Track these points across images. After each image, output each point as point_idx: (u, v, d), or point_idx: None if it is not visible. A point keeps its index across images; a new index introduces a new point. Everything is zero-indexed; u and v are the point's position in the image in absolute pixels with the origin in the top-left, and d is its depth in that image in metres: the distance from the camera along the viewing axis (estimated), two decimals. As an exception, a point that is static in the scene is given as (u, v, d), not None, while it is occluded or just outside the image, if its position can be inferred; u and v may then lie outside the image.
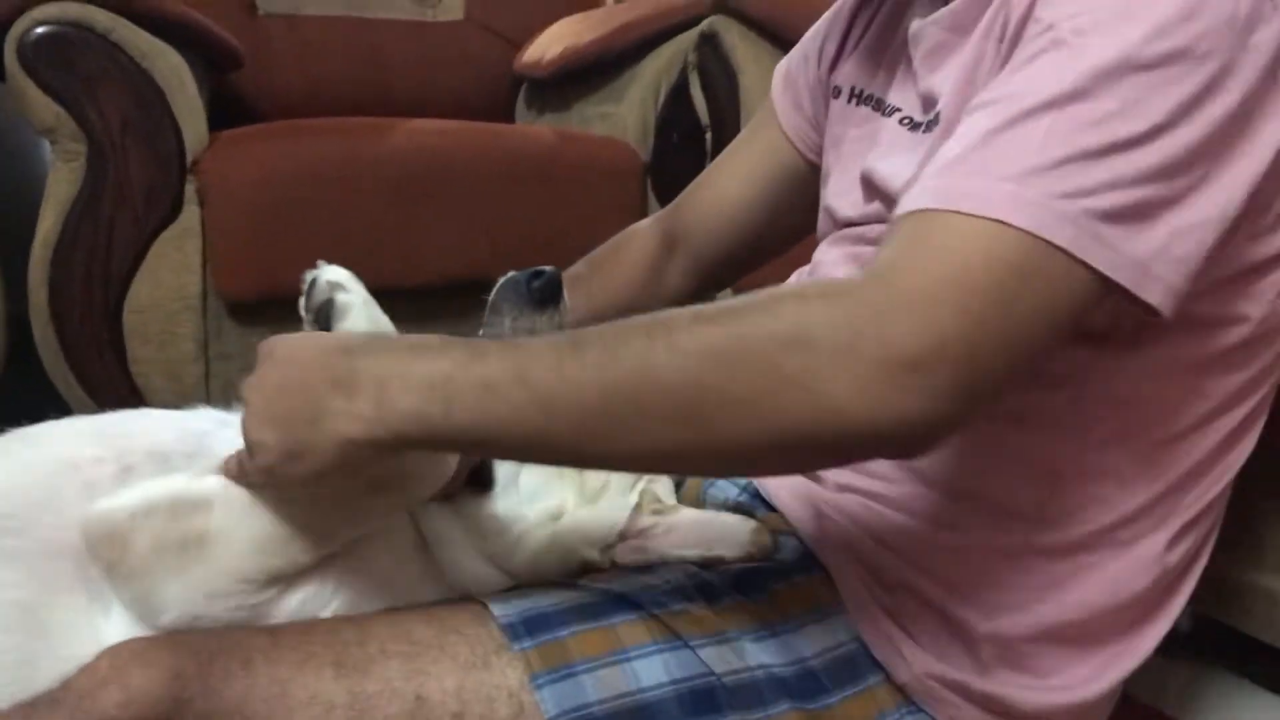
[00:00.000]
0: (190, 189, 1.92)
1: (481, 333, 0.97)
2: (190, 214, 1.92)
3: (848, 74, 1.03)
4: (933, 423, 0.65)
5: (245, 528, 0.78)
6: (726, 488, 0.98)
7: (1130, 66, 0.67)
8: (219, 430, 0.88)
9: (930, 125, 0.87)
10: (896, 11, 0.97)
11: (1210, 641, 1.23)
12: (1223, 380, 0.83)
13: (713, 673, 0.80)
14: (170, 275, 1.92)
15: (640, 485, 0.93)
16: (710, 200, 1.18)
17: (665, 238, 1.20)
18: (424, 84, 2.63)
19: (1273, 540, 1.09)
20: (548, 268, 0.97)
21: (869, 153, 0.95)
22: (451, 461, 0.82)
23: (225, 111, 2.24)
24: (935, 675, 0.83)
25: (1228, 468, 0.87)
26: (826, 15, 1.10)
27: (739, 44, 2.10)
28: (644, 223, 1.25)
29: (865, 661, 0.85)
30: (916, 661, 0.83)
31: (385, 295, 2.06)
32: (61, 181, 1.86)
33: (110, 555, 0.78)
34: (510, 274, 0.97)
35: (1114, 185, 0.66)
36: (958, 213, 0.66)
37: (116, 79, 1.83)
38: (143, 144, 1.86)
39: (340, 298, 0.82)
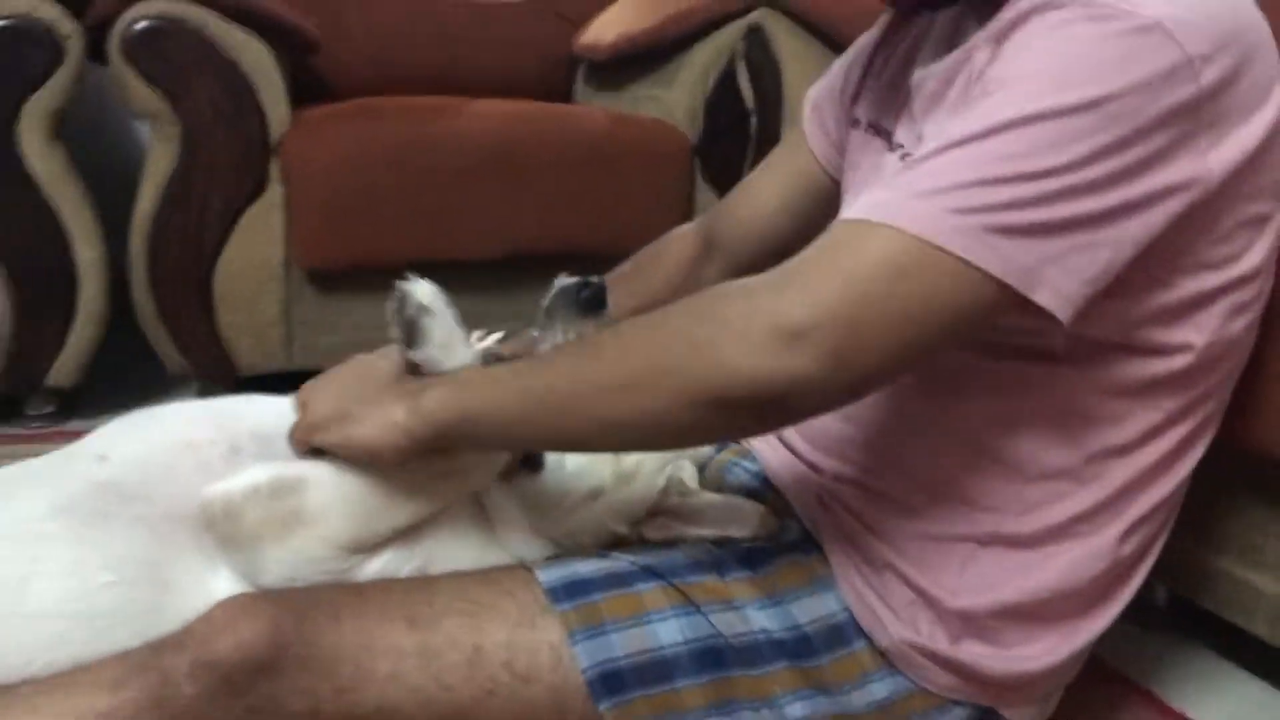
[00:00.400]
0: (274, 168, 2.05)
1: (536, 333, 1.10)
2: (274, 191, 2.06)
3: (866, 107, 1.12)
4: (817, 382, 0.77)
5: (336, 506, 0.92)
6: (741, 474, 1.12)
7: (1043, 116, 0.77)
8: None
9: None
10: (910, 55, 1.07)
11: (1184, 616, 1.35)
12: (1170, 398, 0.93)
13: (721, 635, 0.93)
14: (256, 246, 2.06)
15: (668, 470, 1.07)
16: (746, 210, 1.28)
17: (704, 241, 1.31)
18: (488, 62, 2.73)
19: (1234, 530, 1.20)
20: (595, 278, 1.09)
21: (876, 183, 1.06)
22: (499, 458, 0.97)
23: (302, 86, 2.36)
24: (911, 643, 0.96)
25: (1179, 471, 0.97)
26: (852, 49, 1.19)
27: (784, 37, 2.17)
28: (686, 226, 1.36)
29: (852, 629, 0.98)
30: (895, 631, 0.96)
31: (449, 267, 2.25)
32: (159, 161, 2.00)
33: (224, 530, 0.92)
34: (562, 282, 1.09)
35: (1010, 207, 0.77)
36: (866, 221, 0.79)
37: (208, 69, 1.97)
38: (231, 127, 1.99)
39: (425, 321, 0.93)
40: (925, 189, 0.78)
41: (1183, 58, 0.79)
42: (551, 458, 1.03)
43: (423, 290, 0.94)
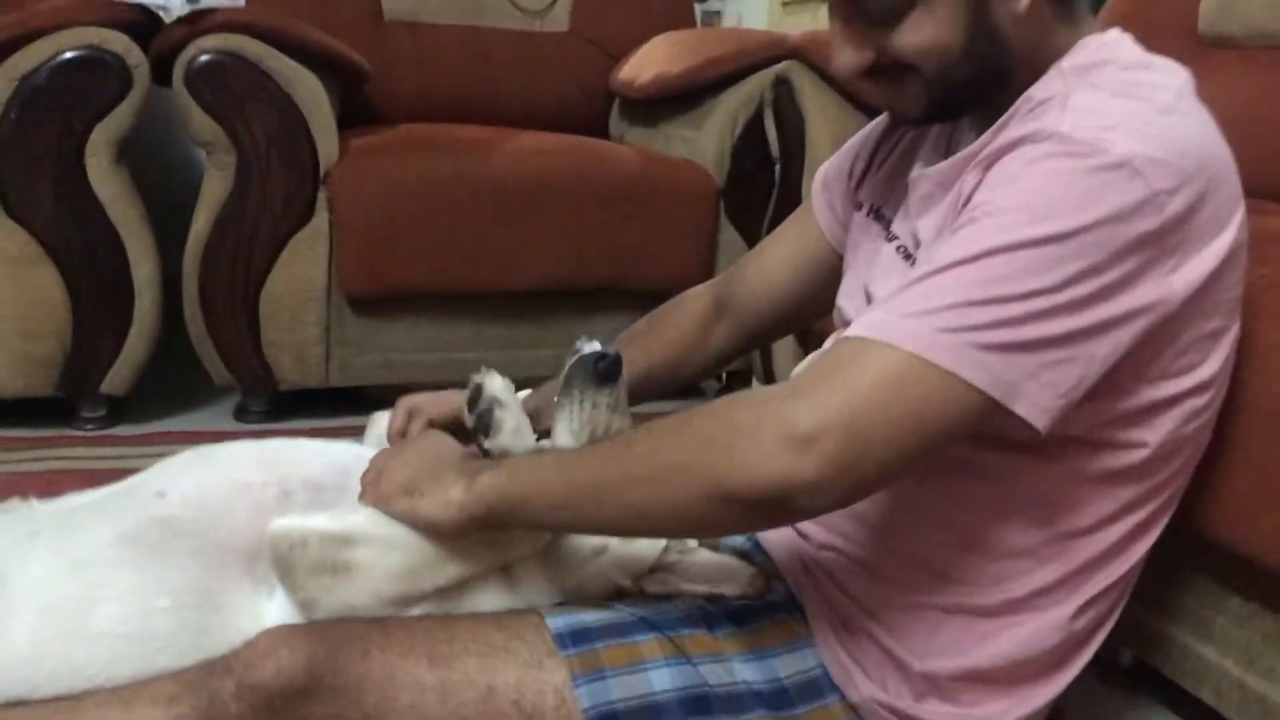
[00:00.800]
0: (322, 196, 2.16)
1: (556, 399, 1.19)
2: (321, 219, 2.17)
3: (869, 192, 1.21)
4: (821, 485, 0.85)
5: (384, 565, 1.02)
6: (734, 537, 1.22)
7: (1023, 244, 0.86)
8: (357, 465, 1.11)
9: (914, 261, 1.06)
10: (912, 149, 1.16)
11: (1145, 677, 1.44)
12: (1126, 488, 1.01)
13: (708, 684, 1.03)
14: (301, 270, 2.17)
15: (669, 528, 1.17)
16: (755, 275, 1.36)
17: (716, 302, 1.39)
18: (529, 90, 2.83)
19: (1189, 604, 1.28)
20: (611, 350, 1.17)
21: (872, 268, 1.13)
22: (542, 535, 1.07)
23: (351, 109, 2.50)
24: (879, 700, 1.05)
25: (1135, 553, 1.05)
26: (860, 134, 1.27)
27: (809, 90, 2.24)
28: (699, 288, 1.43)
29: (826, 684, 1.07)
30: (865, 688, 1.05)
31: (484, 297, 2.35)
32: (214, 187, 2.12)
33: (280, 574, 1.02)
34: (580, 352, 1.16)
35: (993, 326, 0.85)
36: (865, 338, 0.89)
37: (264, 100, 2.08)
38: (283, 157, 2.11)
39: (498, 414, 1.05)
40: (917, 310, 0.88)
41: (1149, 192, 0.87)
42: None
43: (495, 384, 1.06)
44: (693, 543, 1.17)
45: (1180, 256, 0.91)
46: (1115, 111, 0.91)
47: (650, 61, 2.69)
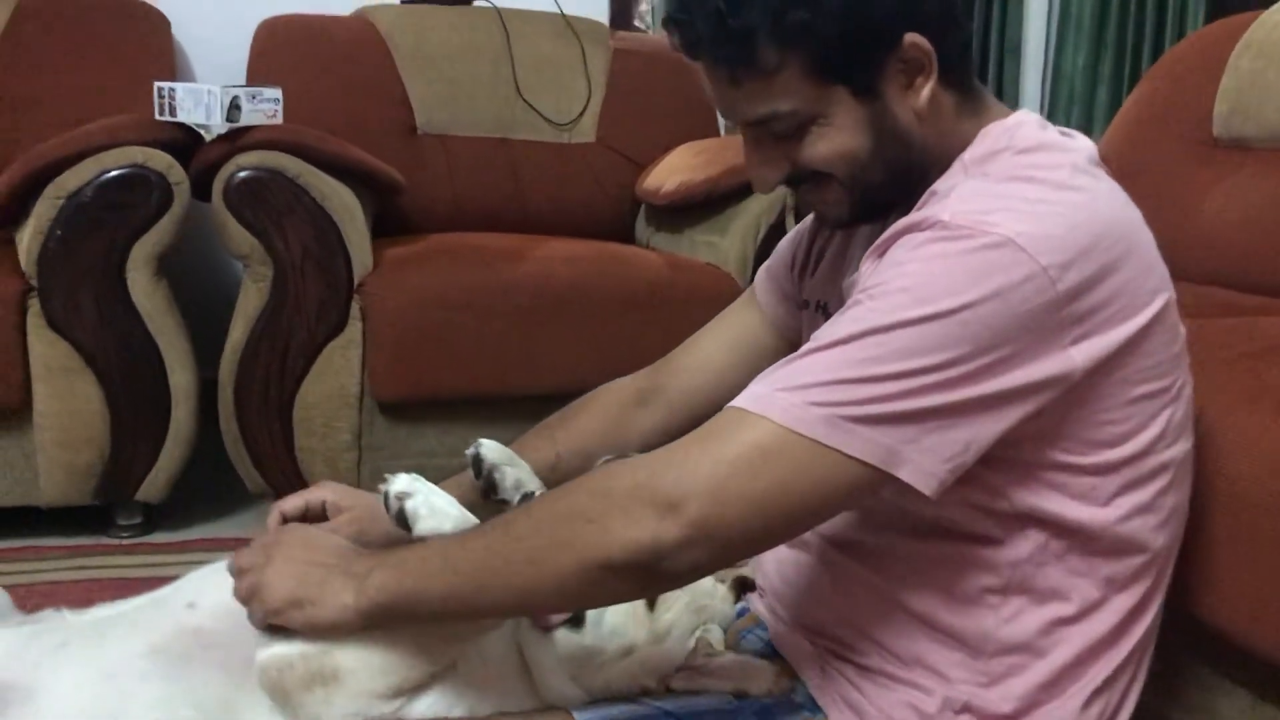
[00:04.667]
0: (355, 306, 2.21)
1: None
2: (354, 327, 2.21)
3: (812, 288, 1.23)
4: (685, 547, 0.88)
5: (366, 661, 1.02)
6: (755, 640, 1.22)
7: (901, 324, 0.88)
8: None
9: None
10: (845, 244, 1.19)
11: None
12: (1104, 567, 1.00)
13: None
14: (334, 378, 2.22)
15: (698, 633, 1.18)
16: (694, 362, 1.36)
17: (640, 393, 1.39)
18: (557, 199, 2.91)
19: (1189, 689, 1.27)
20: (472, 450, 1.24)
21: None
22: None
23: (384, 220, 2.57)
24: None
25: (1131, 636, 1.04)
26: (795, 231, 1.30)
27: None
28: (621, 380, 1.43)
29: None
30: None
31: (512, 401, 2.36)
32: (250, 298, 2.18)
33: (279, 701, 1.03)
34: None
35: (865, 402, 0.87)
36: (742, 409, 0.91)
37: (300, 215, 2.15)
38: (319, 269, 2.17)
39: (410, 505, 1.05)
40: (793, 384, 0.90)
41: (1036, 268, 0.89)
42: (590, 615, 1.14)
43: (399, 482, 1.07)
44: (720, 645, 1.18)
45: (1083, 328, 0.92)
46: (999, 195, 0.94)
47: (674, 170, 2.76)
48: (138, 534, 2.26)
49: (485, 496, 1.14)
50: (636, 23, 4.10)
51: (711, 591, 1.21)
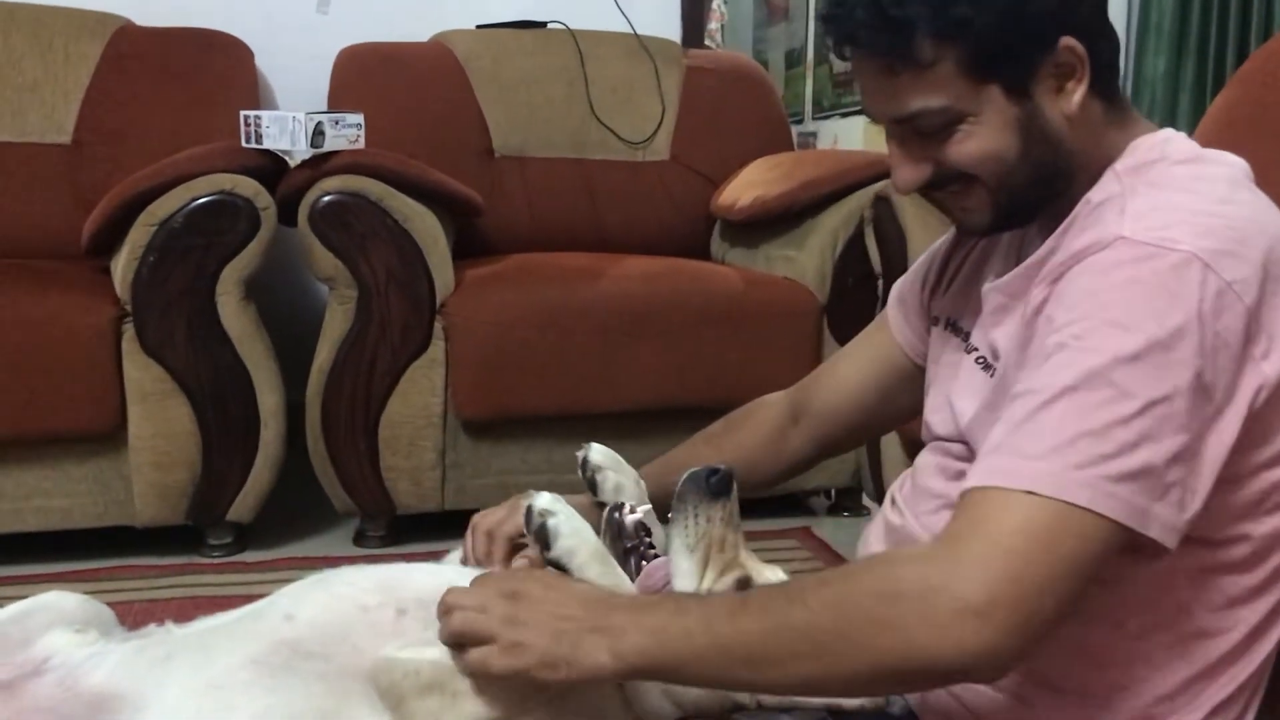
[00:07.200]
0: (438, 326, 2.25)
1: (670, 516, 1.20)
2: (437, 347, 2.25)
3: (943, 306, 1.22)
4: (996, 655, 0.86)
5: (488, 689, 1.02)
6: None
7: (1118, 362, 0.86)
8: (463, 582, 1.10)
9: (995, 372, 1.07)
10: (982, 260, 1.17)
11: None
12: (1234, 584, 0.99)
13: None
14: (418, 398, 2.26)
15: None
16: (832, 384, 1.36)
17: (792, 409, 1.39)
18: (633, 218, 2.93)
19: None
20: (722, 465, 1.19)
21: (954, 381, 1.14)
22: None
23: (466, 240, 2.61)
24: None
25: (1257, 654, 1.01)
26: (930, 250, 1.29)
27: (909, 206, 2.27)
28: (775, 395, 1.43)
29: None
30: None
31: (592, 418, 2.38)
32: (336, 321, 2.22)
33: (386, 697, 1.04)
34: (692, 469, 1.19)
35: (1118, 455, 0.85)
36: (999, 488, 0.88)
37: (383, 237, 2.19)
38: (402, 291, 2.21)
39: (551, 523, 1.07)
40: (1042, 449, 0.88)
41: (1223, 284, 0.88)
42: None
43: (543, 499, 1.08)
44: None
45: (1267, 339, 0.91)
46: (1174, 208, 0.93)
47: (749, 185, 2.75)
48: (228, 553, 2.31)
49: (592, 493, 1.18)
50: (707, 41, 4.12)
51: None
